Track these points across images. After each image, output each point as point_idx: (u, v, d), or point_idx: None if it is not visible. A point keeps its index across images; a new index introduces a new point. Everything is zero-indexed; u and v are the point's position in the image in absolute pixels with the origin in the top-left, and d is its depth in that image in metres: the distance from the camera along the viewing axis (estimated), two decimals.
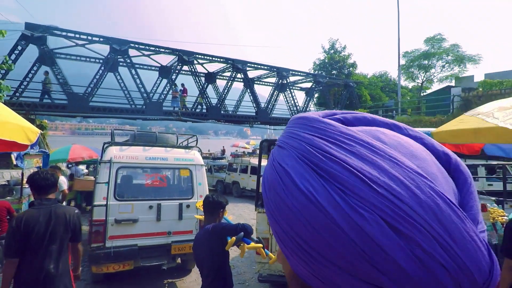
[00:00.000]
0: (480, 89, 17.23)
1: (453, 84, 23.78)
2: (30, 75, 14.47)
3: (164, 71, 19.27)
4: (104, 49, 16.58)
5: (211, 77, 21.31)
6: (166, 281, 4.89)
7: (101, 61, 16.67)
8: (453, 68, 24.69)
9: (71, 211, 2.58)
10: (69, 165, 10.73)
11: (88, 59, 18.84)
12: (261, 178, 4.34)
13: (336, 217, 0.31)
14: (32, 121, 13.18)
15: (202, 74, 20.70)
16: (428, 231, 0.30)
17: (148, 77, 19.40)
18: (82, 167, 11.43)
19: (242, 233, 2.33)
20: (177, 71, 17.94)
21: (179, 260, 5.16)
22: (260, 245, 2.27)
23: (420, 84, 26.95)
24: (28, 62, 14.51)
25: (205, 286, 2.47)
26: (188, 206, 4.67)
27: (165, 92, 17.51)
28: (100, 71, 15.84)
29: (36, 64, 14.58)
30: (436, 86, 26.41)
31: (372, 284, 0.30)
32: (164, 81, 18.29)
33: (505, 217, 3.55)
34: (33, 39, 14.04)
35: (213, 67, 21.41)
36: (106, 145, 4.70)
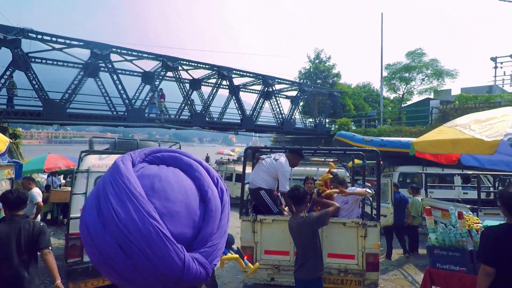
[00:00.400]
0: (457, 102, 18.04)
1: (432, 96, 24.80)
2: (2, 80, 13.61)
3: (147, 77, 18.94)
4: (84, 54, 16.11)
5: (196, 84, 21.22)
6: None
7: (80, 66, 16.15)
8: (432, 82, 25.82)
9: (36, 224, 2.85)
10: (48, 176, 10.17)
11: (66, 64, 18.11)
12: (245, 186, 4.32)
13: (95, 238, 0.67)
14: (4, 130, 12.50)
15: (186, 81, 20.56)
16: (142, 252, 0.67)
17: (130, 83, 19.04)
18: (60, 178, 10.94)
19: None
20: (160, 77, 17.69)
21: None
22: (235, 256, 2.24)
23: (401, 96, 27.94)
24: (1, 67, 13.81)
25: None
26: None
27: (147, 99, 17.20)
28: (79, 76, 15.25)
29: (10, 69, 13.70)
30: (416, 98, 27.48)
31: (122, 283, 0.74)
32: (147, 87, 17.98)
33: (480, 224, 3.67)
34: (6, 42, 13.27)
35: (198, 73, 21.35)
36: (83, 154, 4.51)
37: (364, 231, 3.56)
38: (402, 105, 27.64)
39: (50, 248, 2.83)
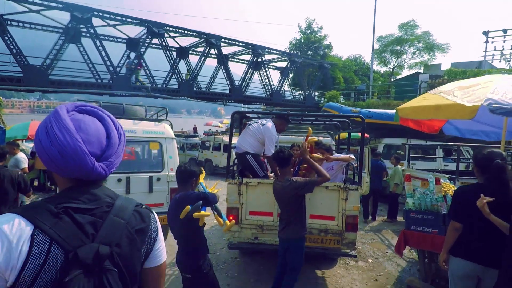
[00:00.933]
0: (446, 77, 18.14)
1: (422, 71, 24.82)
2: None
3: (132, 44, 18.14)
4: (64, 19, 15.14)
5: (183, 52, 20.54)
6: None
7: (60, 30, 15.27)
8: (423, 56, 25.67)
9: (15, 172, 3.54)
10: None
11: (45, 28, 17.07)
12: (232, 151, 4.36)
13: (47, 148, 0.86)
14: None
15: (173, 49, 19.86)
16: (71, 158, 0.84)
17: (115, 50, 18.23)
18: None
19: (200, 202, 2.33)
20: (146, 44, 17.00)
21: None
22: (207, 213, 2.25)
23: (391, 70, 27.83)
24: None
25: (178, 253, 2.51)
26: (158, 179, 4.60)
27: (133, 67, 16.61)
28: (60, 41, 14.51)
29: None
30: (406, 72, 27.43)
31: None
32: (133, 54, 17.29)
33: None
34: None
35: (185, 41, 20.62)
36: None
37: (346, 194, 3.70)
38: (392, 79, 27.64)
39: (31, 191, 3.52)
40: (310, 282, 4.05)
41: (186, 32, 18.58)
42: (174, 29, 17.90)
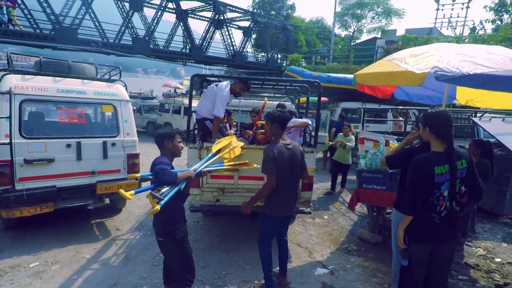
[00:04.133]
0: (400, 42, 18.87)
1: (379, 36, 25.51)
2: None
3: None
4: None
5: (137, 4, 18.58)
6: (94, 221, 4.75)
7: None
8: (381, 20, 26.26)
9: None
10: None
11: None
12: (193, 115, 4.24)
13: None
14: None
15: None
16: None
17: None
18: None
19: (151, 186, 2.30)
20: None
21: (107, 201, 4.97)
22: (129, 197, 2.09)
23: (351, 33, 28.17)
24: None
25: (154, 217, 2.46)
26: (113, 144, 4.36)
27: (79, 16, 14.79)
28: None
29: None
30: (365, 37, 28.02)
31: None
32: (78, 2, 15.29)
33: None
34: None
35: None
36: (1, 74, 3.91)
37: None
38: (352, 44, 28.12)
39: None
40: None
41: None
42: None
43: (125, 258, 3.70)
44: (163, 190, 2.20)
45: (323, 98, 11.05)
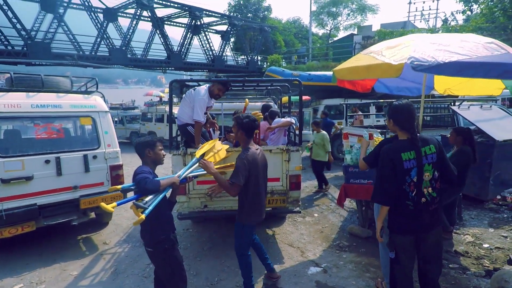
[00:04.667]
0: (376, 37, 19.33)
1: (356, 32, 26.07)
2: None
3: (48, 4, 15.51)
4: None
5: (111, 14, 18.31)
6: (79, 237, 4.58)
7: None
8: (356, 17, 26.89)
9: None
10: None
11: None
12: (176, 121, 4.17)
13: None
14: None
15: (99, 10, 17.57)
16: None
17: (26, 11, 15.46)
18: None
19: (134, 196, 2.21)
20: (65, 4, 14.72)
21: (93, 215, 4.83)
22: (111, 210, 2.05)
23: (328, 31, 28.66)
24: None
25: (141, 227, 2.41)
26: (95, 156, 4.23)
27: (52, 30, 14.40)
28: None
29: None
30: (341, 34, 28.59)
31: None
32: (50, 16, 14.88)
33: None
34: None
35: (112, 1, 18.32)
36: None
37: (288, 156, 3.86)
38: (329, 41, 28.60)
39: None
40: (262, 241, 4.21)
41: None
42: None
43: (114, 273, 3.58)
44: (146, 199, 2.14)
45: (305, 97, 11.14)
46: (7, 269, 3.69)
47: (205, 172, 2.77)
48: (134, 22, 17.38)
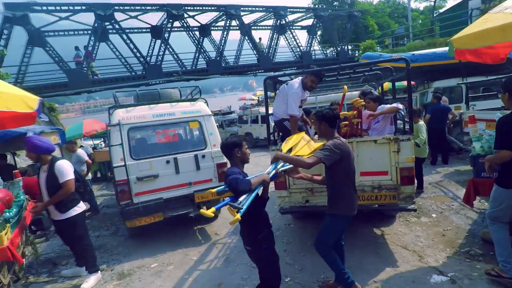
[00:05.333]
0: None
1: None
2: (25, 59, 14.11)
3: (156, 31, 18.29)
4: (90, 20, 15.80)
5: (205, 30, 20.19)
6: (196, 227, 5.18)
7: (89, 31, 15.97)
8: None
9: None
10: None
11: (77, 32, 17.97)
12: (270, 117, 4.25)
13: None
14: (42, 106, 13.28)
15: (195, 28, 19.63)
16: None
17: (141, 40, 18.61)
18: (97, 142, 12.35)
19: (228, 199, 2.22)
20: (168, 29, 17.07)
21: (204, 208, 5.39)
22: (211, 215, 2.10)
23: (433, 3, 24.77)
24: (20, 46, 14.12)
25: (240, 225, 2.49)
26: (203, 156, 4.73)
27: (161, 53, 16.91)
28: (91, 42, 15.27)
29: (29, 47, 14.13)
30: (451, 3, 24.25)
31: None
32: (158, 41, 17.51)
33: None
34: (16, 20, 13.49)
35: (205, 18, 20.22)
36: (111, 110, 4.64)
37: (397, 146, 3.43)
38: (435, 15, 24.68)
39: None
40: (370, 242, 3.92)
41: (204, 8, 18.32)
42: (192, 7, 17.69)
43: (226, 261, 3.92)
44: (240, 199, 2.17)
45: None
46: (146, 251, 4.49)
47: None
48: (225, 33, 18.76)
